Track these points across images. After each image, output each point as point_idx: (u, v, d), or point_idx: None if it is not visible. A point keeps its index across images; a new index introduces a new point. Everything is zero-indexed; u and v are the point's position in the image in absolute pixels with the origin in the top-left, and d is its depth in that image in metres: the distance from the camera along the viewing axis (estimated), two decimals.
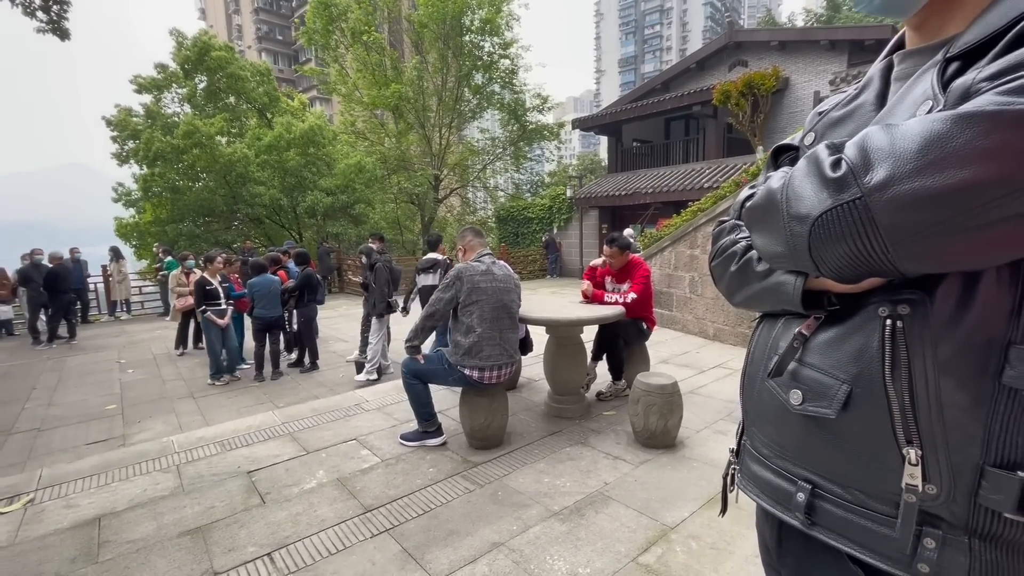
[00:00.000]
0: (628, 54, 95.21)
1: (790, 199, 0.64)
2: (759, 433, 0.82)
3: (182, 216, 15.27)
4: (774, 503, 0.77)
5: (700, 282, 6.42)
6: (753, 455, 0.83)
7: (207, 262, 5.99)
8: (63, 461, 3.61)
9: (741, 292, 0.84)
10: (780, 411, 0.75)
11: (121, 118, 14.85)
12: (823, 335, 0.71)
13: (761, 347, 0.82)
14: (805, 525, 0.71)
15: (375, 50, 18.20)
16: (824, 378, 0.68)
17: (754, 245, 0.79)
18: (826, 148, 0.62)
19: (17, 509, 2.66)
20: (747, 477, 0.85)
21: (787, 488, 0.74)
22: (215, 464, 3.15)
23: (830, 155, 0.60)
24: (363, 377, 5.64)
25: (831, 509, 0.69)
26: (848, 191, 0.56)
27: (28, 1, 6.17)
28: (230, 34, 52.75)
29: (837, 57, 11.72)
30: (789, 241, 0.65)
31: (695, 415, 3.70)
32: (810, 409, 0.69)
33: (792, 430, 0.74)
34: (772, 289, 0.76)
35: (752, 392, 0.83)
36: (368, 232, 15.71)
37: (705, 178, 12.51)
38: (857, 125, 0.74)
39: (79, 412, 5.16)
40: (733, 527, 2.30)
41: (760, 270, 0.78)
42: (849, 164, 0.57)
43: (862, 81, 0.82)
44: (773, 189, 0.68)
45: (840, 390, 0.66)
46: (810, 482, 0.71)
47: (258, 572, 2.10)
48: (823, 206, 0.59)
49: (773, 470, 0.78)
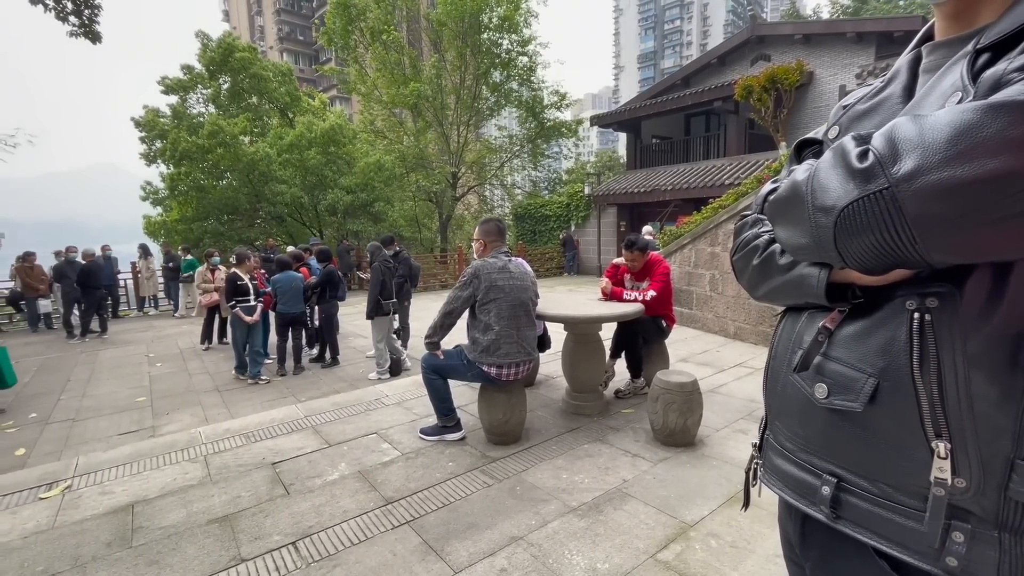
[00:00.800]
0: (647, 50, 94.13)
1: (815, 191, 0.64)
2: (783, 427, 0.82)
3: (207, 214, 15.63)
4: (798, 496, 0.77)
5: (721, 280, 6.34)
6: (776, 449, 0.83)
7: (239, 261, 6.03)
8: (97, 450, 3.75)
9: (764, 285, 0.84)
10: (805, 405, 0.75)
11: (149, 119, 15.27)
12: (848, 328, 0.70)
13: (785, 341, 0.82)
14: (830, 518, 0.71)
15: (394, 49, 18.35)
16: (850, 371, 0.68)
17: (777, 238, 0.79)
18: (852, 139, 0.62)
19: (56, 495, 2.77)
20: (770, 471, 0.85)
21: (812, 482, 0.74)
22: (241, 455, 3.23)
23: (857, 146, 0.60)
24: (374, 375, 5.73)
25: (857, 502, 0.69)
26: (875, 181, 0.56)
27: (61, 6, 6.37)
28: (252, 35, 53.72)
29: (864, 50, 11.41)
30: (814, 233, 0.64)
31: (715, 414, 3.67)
32: (836, 403, 0.69)
33: (817, 424, 0.74)
34: (795, 282, 0.76)
35: (776, 386, 0.83)
36: (387, 230, 15.90)
37: (726, 175, 12.32)
38: (883, 118, 0.74)
39: (111, 403, 5.34)
40: (753, 526, 2.28)
41: (783, 263, 0.78)
42: (876, 154, 0.57)
43: (888, 74, 0.81)
44: (798, 181, 0.68)
45: (867, 383, 0.66)
46: (835, 475, 0.71)
47: (283, 560, 2.16)
48: (849, 197, 0.58)
49: (797, 464, 0.78)
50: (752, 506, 0.98)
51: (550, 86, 19.74)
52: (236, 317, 5.93)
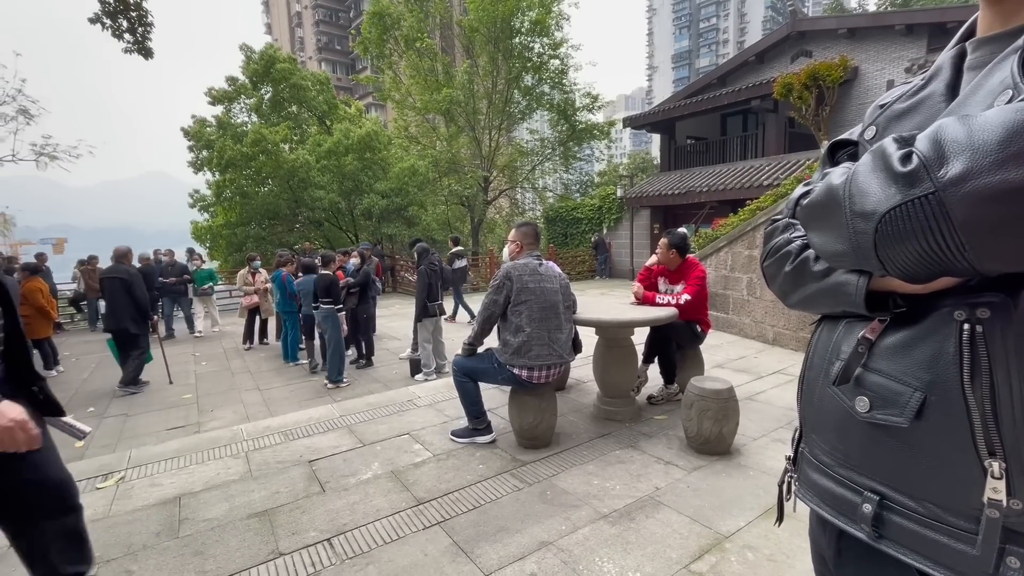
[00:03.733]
0: (682, 49, 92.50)
1: (854, 195, 0.61)
2: (819, 440, 0.79)
3: (250, 219, 16.29)
4: (836, 514, 0.74)
5: (759, 284, 6.15)
6: (812, 463, 0.80)
7: (325, 263, 6.00)
8: (148, 444, 3.95)
9: (796, 293, 0.82)
10: (843, 418, 0.72)
11: (196, 129, 16.05)
12: (891, 339, 0.68)
13: (821, 351, 0.79)
14: (872, 538, 0.68)
15: (427, 56, 18.69)
16: (894, 384, 0.65)
17: (812, 244, 0.76)
18: (894, 141, 0.59)
19: (111, 485, 2.94)
20: (806, 486, 0.82)
21: (851, 498, 0.72)
22: (279, 452, 3.34)
23: (899, 148, 0.58)
24: (420, 378, 5.80)
25: (901, 522, 0.66)
26: (920, 186, 0.54)
27: (117, 24, 6.78)
28: (293, 46, 55.73)
29: (915, 43, 10.87)
30: (853, 239, 0.62)
31: (752, 422, 3.55)
32: (878, 417, 0.66)
33: (857, 438, 0.71)
34: (831, 290, 0.73)
35: (812, 398, 0.80)
36: (420, 233, 16.16)
37: (764, 175, 11.96)
38: (924, 118, 0.71)
39: (160, 400, 5.63)
40: (792, 539, 2.20)
41: (817, 269, 0.75)
42: (921, 157, 0.54)
43: (929, 71, 0.77)
44: (834, 185, 0.65)
45: (913, 397, 0.63)
46: (877, 493, 0.68)
47: (319, 556, 2.22)
48: (891, 202, 0.56)
49: (835, 479, 0.75)
50: (792, 519, 0.95)
51: (582, 88, 19.69)
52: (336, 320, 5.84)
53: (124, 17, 6.72)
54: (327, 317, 5.76)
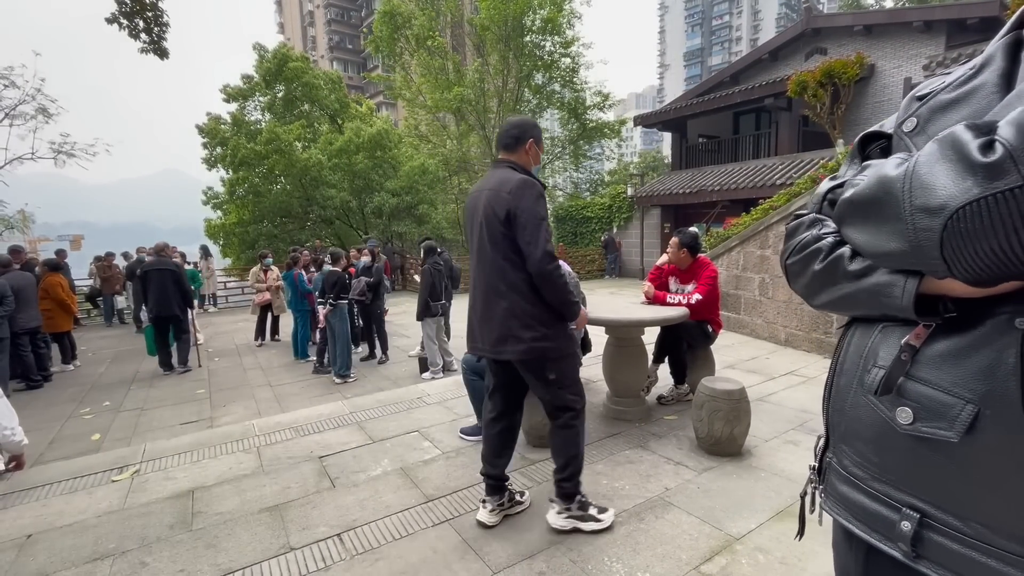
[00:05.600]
0: (694, 47, 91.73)
1: (916, 188, 0.56)
2: (850, 452, 0.74)
3: (262, 217, 16.46)
4: (869, 530, 0.70)
5: (771, 284, 6.09)
6: (842, 475, 0.76)
7: (335, 260, 6.12)
8: (162, 438, 4.01)
9: (826, 293, 0.77)
10: (881, 429, 0.68)
11: (211, 126, 16.24)
12: (939, 346, 0.63)
13: (854, 357, 0.74)
14: (909, 557, 0.64)
15: (438, 55, 18.73)
16: (942, 396, 0.61)
17: (853, 241, 0.71)
18: (968, 129, 0.54)
19: (126, 478, 2.99)
20: (834, 498, 0.78)
21: (888, 515, 0.68)
22: (290, 448, 3.37)
23: (976, 136, 0.53)
24: (428, 376, 5.83)
25: (943, 541, 0.62)
26: (1005, 178, 0.49)
27: (134, 24, 6.88)
28: (305, 45, 56.16)
29: (933, 39, 10.68)
30: (912, 236, 0.57)
31: (764, 423, 3.52)
32: (923, 430, 0.62)
33: (897, 452, 0.67)
34: (871, 291, 0.68)
35: (842, 406, 0.75)
36: (430, 231, 16.22)
37: (777, 174, 11.82)
38: (974, 109, 0.65)
39: (174, 395, 5.71)
40: (805, 543, 2.15)
41: (854, 269, 0.70)
42: (1007, 146, 0.49)
43: (977, 61, 0.71)
44: (890, 176, 0.60)
45: (964, 410, 0.58)
46: (917, 510, 0.64)
47: (329, 551, 2.24)
48: (967, 196, 0.51)
49: (869, 494, 0.71)
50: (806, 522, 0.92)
51: (593, 87, 19.63)
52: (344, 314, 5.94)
53: (140, 17, 6.81)
54: (335, 312, 5.82)
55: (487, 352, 2.24)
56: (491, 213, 2.13)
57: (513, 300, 2.12)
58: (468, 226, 2.34)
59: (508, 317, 2.13)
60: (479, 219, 2.19)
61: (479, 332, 2.26)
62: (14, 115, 13.03)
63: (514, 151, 2.27)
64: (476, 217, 2.22)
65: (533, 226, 2.06)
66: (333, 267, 5.99)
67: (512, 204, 2.07)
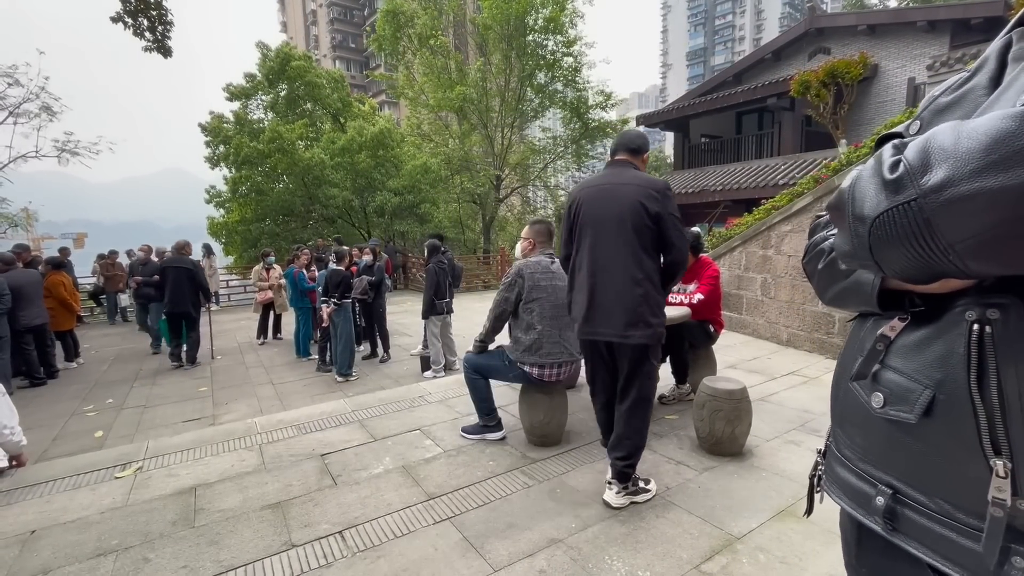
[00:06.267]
0: (697, 46, 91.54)
1: (855, 199, 0.63)
2: (843, 435, 0.81)
3: (264, 215, 16.50)
4: (855, 506, 0.76)
5: (773, 284, 6.08)
6: (837, 457, 0.83)
7: (339, 259, 6.14)
8: (165, 435, 4.03)
9: (830, 290, 0.83)
10: (863, 414, 0.74)
11: (214, 124, 16.27)
12: (908, 337, 0.69)
13: (849, 348, 0.81)
14: (886, 530, 0.70)
15: (440, 54, 18.72)
16: (906, 382, 0.67)
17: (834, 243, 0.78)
18: (892, 148, 0.61)
19: (129, 475, 3.00)
20: (831, 479, 0.84)
21: (868, 491, 0.73)
22: (292, 446, 3.38)
23: (892, 156, 0.59)
24: (430, 374, 5.84)
25: (913, 516, 0.67)
26: (903, 193, 0.56)
27: (138, 23, 6.90)
28: (308, 44, 56.21)
29: (937, 39, 10.65)
30: (853, 241, 0.64)
31: (765, 423, 3.52)
32: (891, 413, 0.68)
33: (874, 433, 0.73)
34: (853, 288, 0.76)
35: (838, 393, 0.82)
36: (432, 230, 16.23)
37: (780, 174, 11.80)
38: (966, 111, 0.69)
39: (177, 392, 5.73)
40: (806, 542, 2.18)
41: (843, 268, 0.77)
42: (907, 165, 0.56)
43: (976, 62, 0.75)
44: (843, 188, 0.67)
45: (922, 395, 0.64)
46: (891, 487, 0.70)
47: (331, 548, 2.25)
48: (879, 208, 0.58)
49: (855, 472, 0.77)
50: (805, 522, 0.96)
51: (595, 86, 19.58)
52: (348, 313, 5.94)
53: (144, 16, 6.84)
54: (338, 311, 5.83)
55: (613, 336, 2.39)
56: (640, 207, 2.34)
57: (647, 288, 2.36)
58: (584, 213, 2.52)
59: (642, 303, 2.34)
60: (617, 209, 2.39)
61: (603, 316, 2.42)
62: (18, 113, 13.07)
63: (637, 156, 2.55)
64: (611, 207, 2.41)
65: (679, 224, 2.42)
66: (338, 266, 6.00)
67: (662, 205, 2.36)
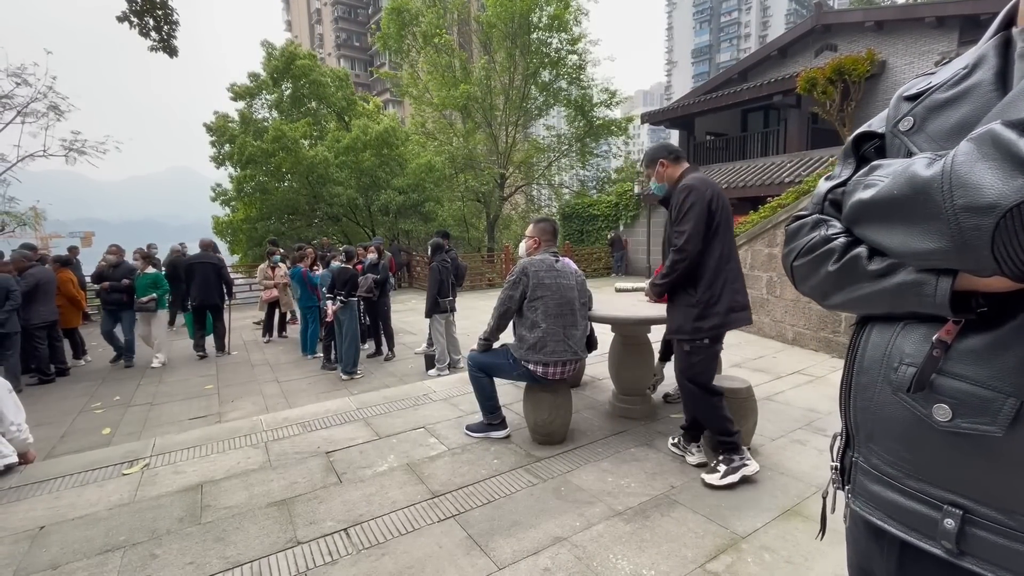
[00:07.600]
0: (702, 44, 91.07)
1: (956, 187, 0.56)
2: (880, 451, 0.74)
3: (269, 214, 16.55)
4: (907, 528, 0.70)
5: (779, 283, 6.05)
6: (872, 475, 0.76)
7: (348, 258, 6.22)
8: (171, 432, 4.06)
9: (842, 293, 0.76)
10: (913, 427, 0.68)
11: (219, 124, 16.32)
12: (972, 341, 0.63)
13: (875, 355, 0.74)
14: (953, 554, 0.64)
15: (445, 52, 18.71)
16: (981, 391, 0.61)
17: (875, 242, 0.71)
18: (1009, 127, 0.54)
19: (136, 472, 3.02)
20: (865, 498, 0.77)
21: (928, 513, 0.67)
22: (297, 443, 3.40)
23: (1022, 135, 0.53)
24: (434, 372, 5.86)
25: (987, 536, 0.62)
26: None
27: (144, 22, 6.93)
28: (312, 43, 56.34)
29: (946, 35, 10.55)
30: (958, 235, 0.56)
31: (771, 423, 3.50)
32: (963, 426, 0.62)
33: (932, 448, 0.66)
34: (896, 290, 0.68)
35: (868, 404, 0.75)
36: (436, 229, 16.25)
37: (786, 172, 11.74)
38: (973, 107, 0.67)
39: (183, 390, 5.77)
40: (811, 543, 2.17)
41: (874, 269, 0.70)
42: None
43: (969, 60, 0.73)
44: (924, 177, 0.60)
45: (1006, 404, 0.59)
46: (959, 506, 0.64)
47: (336, 546, 2.26)
48: (1020, 194, 0.51)
49: (905, 492, 0.71)
50: (809, 521, 0.93)
51: (600, 84, 19.53)
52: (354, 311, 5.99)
53: (150, 15, 6.87)
54: (344, 309, 5.85)
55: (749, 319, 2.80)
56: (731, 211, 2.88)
57: None
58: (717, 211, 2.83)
59: None
60: (730, 211, 2.86)
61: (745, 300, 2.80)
62: (26, 113, 13.17)
63: None
64: (728, 208, 2.84)
65: None
66: (346, 264, 6.04)
67: None
